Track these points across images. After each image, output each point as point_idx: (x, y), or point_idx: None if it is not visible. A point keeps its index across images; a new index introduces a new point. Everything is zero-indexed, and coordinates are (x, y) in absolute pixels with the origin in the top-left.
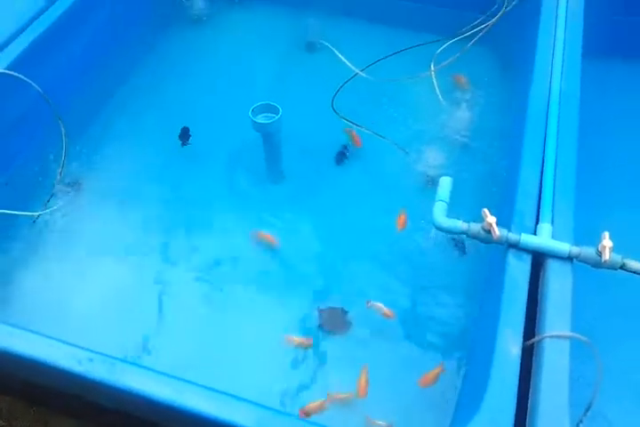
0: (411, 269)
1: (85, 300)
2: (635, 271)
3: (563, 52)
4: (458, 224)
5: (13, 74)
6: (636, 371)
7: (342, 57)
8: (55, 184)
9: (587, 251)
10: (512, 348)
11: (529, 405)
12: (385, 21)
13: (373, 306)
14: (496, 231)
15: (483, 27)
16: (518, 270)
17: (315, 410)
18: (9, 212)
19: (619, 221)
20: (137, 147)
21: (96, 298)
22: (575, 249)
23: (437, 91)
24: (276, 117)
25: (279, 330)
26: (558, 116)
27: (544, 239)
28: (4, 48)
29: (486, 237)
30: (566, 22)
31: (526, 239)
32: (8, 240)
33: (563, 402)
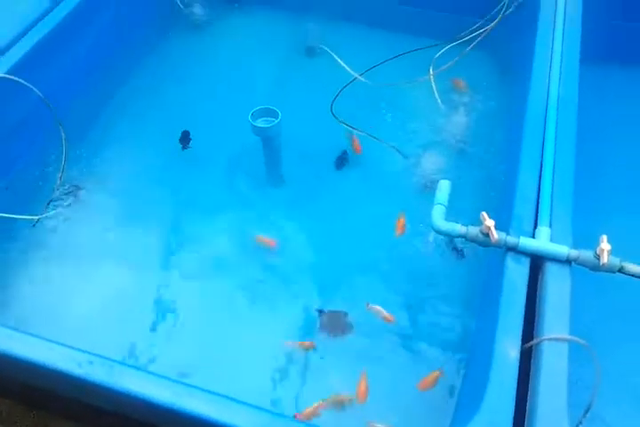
0: (410, 273)
1: (85, 303)
2: (633, 274)
3: (561, 57)
4: (456, 227)
5: (14, 78)
6: (635, 374)
7: (341, 61)
8: (55, 188)
9: (585, 254)
10: (511, 350)
11: (527, 407)
12: (384, 26)
13: (373, 309)
14: (494, 234)
15: (481, 31)
16: (517, 273)
17: (309, 416)
18: (9, 216)
19: (616, 225)
20: (137, 150)
21: (95, 301)
22: (573, 252)
23: (436, 95)
24: (276, 121)
25: (279, 333)
26: (556, 120)
27: (542, 242)
28: (6, 52)
29: (485, 240)
30: (564, 27)
31: (525, 242)
32: (8, 243)
33: (561, 405)
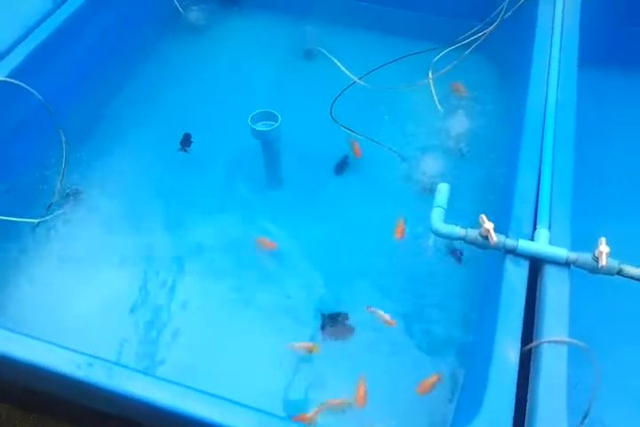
0: (409, 276)
1: (84, 305)
2: (632, 277)
3: (559, 61)
4: (455, 230)
5: (14, 82)
6: (634, 376)
7: (340, 65)
8: (55, 191)
9: (584, 256)
10: (510, 353)
11: (527, 410)
12: (382, 29)
13: (374, 313)
14: (493, 237)
15: (480, 35)
16: (516, 276)
17: (307, 421)
18: (9, 219)
19: (615, 228)
20: (137, 154)
21: (95, 303)
22: (572, 255)
23: (435, 98)
24: (275, 125)
25: (279, 336)
26: (555, 123)
27: (541, 245)
28: (6, 56)
29: (484, 242)
30: (562, 31)
31: (524, 245)
32: (8, 246)
33: (561, 407)
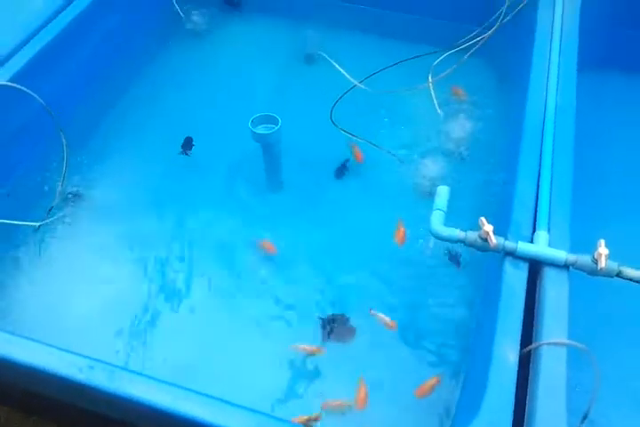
0: (409, 280)
1: (85, 307)
2: (631, 279)
3: (558, 65)
4: (455, 233)
5: (16, 86)
6: (634, 378)
7: (341, 69)
8: (57, 194)
9: (583, 259)
10: (509, 355)
11: (526, 412)
12: (383, 33)
13: (375, 316)
14: (493, 240)
15: (479, 39)
16: (515, 278)
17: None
18: (10, 222)
19: (614, 230)
20: (138, 157)
21: (96, 306)
22: (572, 257)
23: (435, 102)
24: (276, 128)
25: (279, 338)
26: (554, 127)
27: (541, 247)
28: (9, 60)
29: (483, 245)
30: (562, 35)
31: (523, 247)
32: (9, 249)
33: (560, 409)
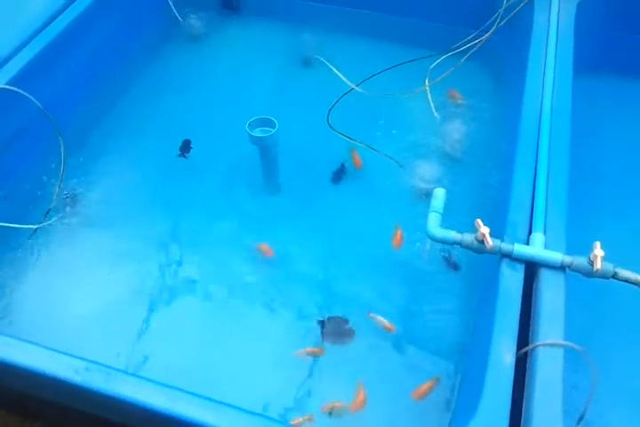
0: (406, 283)
1: (82, 310)
2: (626, 280)
3: (554, 68)
4: (451, 234)
5: (14, 89)
6: (631, 379)
7: (338, 72)
8: (54, 197)
9: (579, 260)
10: (506, 356)
11: (523, 413)
12: (379, 37)
13: (374, 318)
14: (489, 241)
15: (476, 42)
16: (512, 280)
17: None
18: (7, 225)
19: (610, 233)
20: (136, 160)
21: (93, 309)
22: (568, 258)
23: (432, 105)
24: (273, 131)
25: (277, 340)
26: (550, 129)
27: (537, 249)
28: (6, 63)
29: (479, 247)
30: (557, 38)
31: (519, 249)
32: (7, 252)
33: (556, 410)
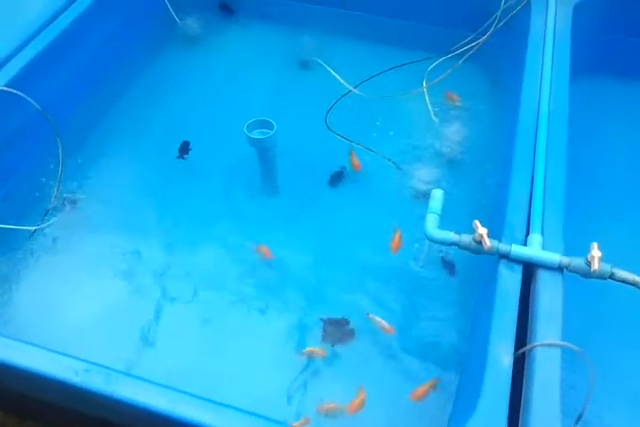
0: (405, 285)
1: (81, 313)
2: (623, 280)
3: (551, 71)
4: (449, 235)
5: (12, 91)
6: (628, 379)
7: (336, 74)
8: (52, 199)
9: (576, 261)
10: (504, 357)
11: (521, 413)
12: (377, 39)
13: (373, 320)
14: (487, 242)
15: (473, 44)
16: (509, 281)
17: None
18: (6, 226)
19: (607, 234)
20: (134, 162)
21: (91, 311)
22: (565, 259)
23: (429, 107)
24: (271, 133)
25: (276, 341)
26: (547, 131)
27: (534, 250)
28: (5, 64)
29: (477, 248)
30: (554, 40)
31: (517, 250)
32: (5, 253)
33: (554, 410)
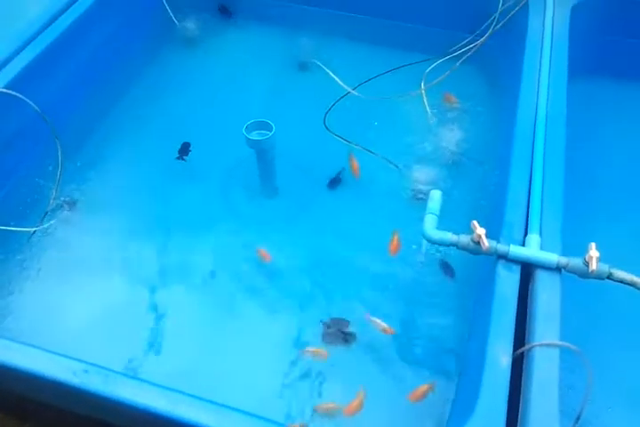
0: (404, 287)
1: (80, 314)
2: (621, 281)
3: (549, 71)
4: (447, 236)
5: (11, 93)
6: (627, 379)
7: (334, 76)
8: (51, 201)
9: (574, 261)
10: (502, 357)
11: (519, 413)
12: (376, 41)
13: (373, 322)
14: (485, 243)
15: (471, 46)
16: (507, 281)
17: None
18: (5, 228)
19: (605, 234)
20: (133, 163)
21: (91, 312)
22: (563, 260)
23: (427, 108)
24: (270, 134)
25: (276, 342)
26: (545, 132)
27: (532, 250)
28: (4, 66)
29: (475, 248)
30: (552, 41)
31: (515, 250)
32: (4, 256)
33: (553, 410)
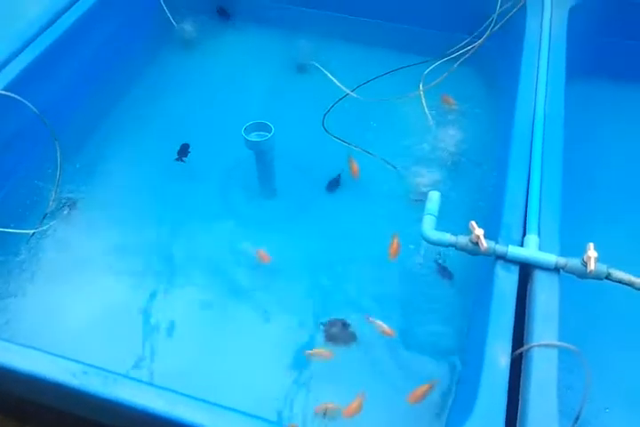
0: (403, 290)
1: (80, 316)
2: (620, 281)
3: (547, 72)
4: (446, 237)
5: (10, 95)
6: (625, 379)
7: (333, 78)
8: (50, 202)
9: (573, 262)
10: (501, 357)
11: (518, 413)
12: (374, 43)
13: (374, 323)
14: (484, 243)
15: (469, 48)
16: (506, 281)
17: None
18: (4, 230)
19: (602, 235)
20: (132, 164)
21: (90, 313)
22: (561, 260)
23: (426, 110)
24: (269, 136)
25: (276, 344)
26: (543, 133)
27: (531, 251)
28: (4, 67)
29: (474, 249)
30: (550, 43)
31: (513, 251)
32: (3, 257)
33: (552, 410)
